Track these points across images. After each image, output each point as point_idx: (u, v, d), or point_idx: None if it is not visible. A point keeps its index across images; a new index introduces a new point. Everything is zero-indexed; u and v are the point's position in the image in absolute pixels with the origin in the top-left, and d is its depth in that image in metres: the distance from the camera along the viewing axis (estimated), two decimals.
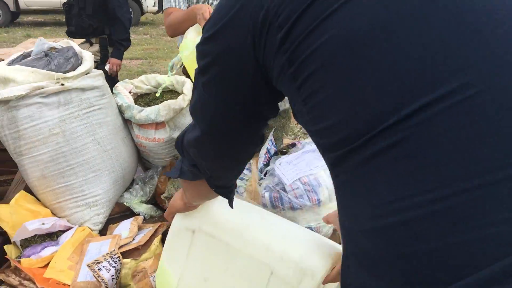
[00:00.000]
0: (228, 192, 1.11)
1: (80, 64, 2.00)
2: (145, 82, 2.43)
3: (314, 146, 1.64)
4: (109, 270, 1.63)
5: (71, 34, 4.24)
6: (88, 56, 2.06)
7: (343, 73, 0.66)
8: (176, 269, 1.32)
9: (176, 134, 2.15)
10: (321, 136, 0.73)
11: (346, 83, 0.66)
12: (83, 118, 1.93)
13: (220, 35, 0.81)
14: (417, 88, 0.60)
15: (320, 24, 0.67)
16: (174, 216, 1.34)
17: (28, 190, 2.23)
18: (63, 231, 1.87)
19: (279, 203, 1.54)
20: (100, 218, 1.97)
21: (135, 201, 2.14)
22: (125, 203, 2.11)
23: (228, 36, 0.80)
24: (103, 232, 1.98)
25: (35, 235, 1.82)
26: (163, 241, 1.71)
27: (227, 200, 1.17)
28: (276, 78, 0.78)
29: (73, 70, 1.96)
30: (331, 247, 1.18)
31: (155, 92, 2.44)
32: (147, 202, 2.18)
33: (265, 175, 1.64)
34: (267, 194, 1.56)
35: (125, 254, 1.74)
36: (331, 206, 1.60)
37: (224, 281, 1.23)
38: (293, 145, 1.80)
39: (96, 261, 1.63)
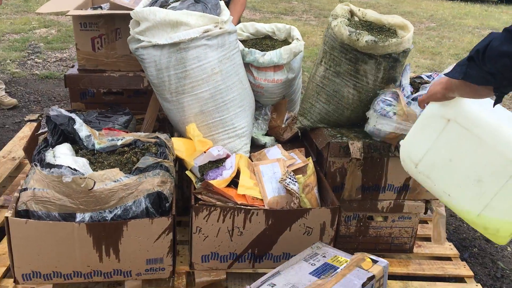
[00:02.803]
0: (503, 97, 1.28)
1: (221, 9, 2.21)
2: (244, 29, 2.67)
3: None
4: (294, 184, 1.97)
5: None
6: (222, 2, 2.26)
7: None
8: (423, 146, 1.54)
9: (290, 75, 2.45)
10: None
11: None
12: (231, 59, 2.17)
13: None
14: None
15: None
16: (427, 103, 1.54)
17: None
18: (225, 158, 2.13)
19: None
20: (247, 147, 2.26)
21: (260, 133, 2.44)
22: (253, 136, 2.40)
23: None
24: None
25: (209, 161, 2.07)
26: None
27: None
28: None
29: (219, 15, 2.17)
30: None
31: (252, 39, 2.69)
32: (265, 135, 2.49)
33: (413, 99, 2.04)
34: None
35: None
36: None
37: (467, 166, 1.48)
38: (418, 77, 2.24)
39: (282, 179, 1.95)
